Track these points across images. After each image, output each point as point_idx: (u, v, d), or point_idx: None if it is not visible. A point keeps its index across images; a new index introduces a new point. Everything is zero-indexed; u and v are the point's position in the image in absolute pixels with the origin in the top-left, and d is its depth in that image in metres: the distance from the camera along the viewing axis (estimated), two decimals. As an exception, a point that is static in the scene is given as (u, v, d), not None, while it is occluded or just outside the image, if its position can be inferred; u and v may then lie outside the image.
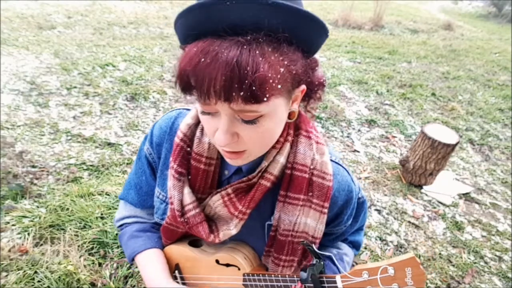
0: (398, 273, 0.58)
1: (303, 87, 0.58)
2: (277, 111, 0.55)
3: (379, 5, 7.17)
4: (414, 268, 0.57)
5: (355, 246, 0.90)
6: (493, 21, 10.68)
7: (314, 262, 0.64)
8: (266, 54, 0.48)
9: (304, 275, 0.64)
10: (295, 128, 0.68)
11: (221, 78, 0.46)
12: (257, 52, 0.47)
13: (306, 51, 0.54)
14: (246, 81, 0.46)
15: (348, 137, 3.09)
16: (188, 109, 0.74)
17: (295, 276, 0.67)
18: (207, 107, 0.53)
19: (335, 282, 0.63)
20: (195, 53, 0.48)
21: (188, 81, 0.50)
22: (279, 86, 0.50)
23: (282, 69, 0.50)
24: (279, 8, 0.47)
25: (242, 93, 0.47)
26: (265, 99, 0.49)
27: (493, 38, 8.00)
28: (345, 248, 0.87)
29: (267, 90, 0.48)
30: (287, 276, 0.68)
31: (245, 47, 0.47)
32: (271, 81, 0.48)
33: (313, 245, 0.65)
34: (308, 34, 0.52)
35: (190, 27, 0.51)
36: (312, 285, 0.64)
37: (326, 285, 0.64)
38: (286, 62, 0.50)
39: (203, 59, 0.47)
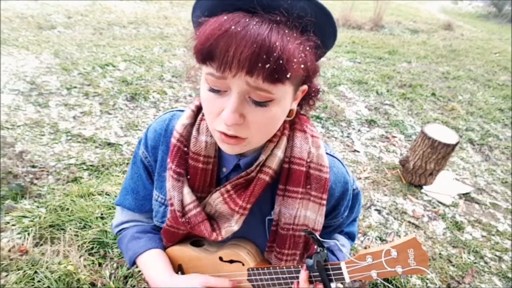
0: (401, 255, 0.59)
1: (305, 87, 0.60)
2: (285, 98, 0.56)
3: (379, 5, 7.17)
4: (416, 249, 0.58)
5: (351, 237, 0.92)
6: (493, 21, 10.69)
7: (318, 250, 0.65)
8: (292, 36, 0.50)
9: (310, 262, 0.65)
10: (290, 123, 0.70)
11: (250, 46, 0.47)
12: (286, 31, 0.50)
13: (317, 48, 0.56)
14: (275, 54, 0.48)
15: (348, 137, 3.10)
16: (182, 110, 0.74)
17: (299, 266, 0.68)
18: (220, 82, 0.53)
19: (340, 268, 0.64)
20: (226, 20, 0.49)
21: (212, 46, 0.49)
22: (302, 66, 0.52)
23: (302, 54, 0.52)
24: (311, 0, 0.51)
25: (268, 66, 0.48)
26: (288, 76, 0.50)
27: (493, 38, 8.00)
28: (342, 239, 0.89)
29: (292, 68, 0.50)
30: (292, 267, 0.69)
31: (274, 25, 0.49)
32: (295, 60, 0.50)
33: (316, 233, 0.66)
34: (324, 31, 0.55)
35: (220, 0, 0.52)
36: (317, 273, 0.65)
37: (331, 272, 0.65)
38: (307, 48, 0.53)
39: (233, 27, 0.48)
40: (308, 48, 0.53)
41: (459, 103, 4.07)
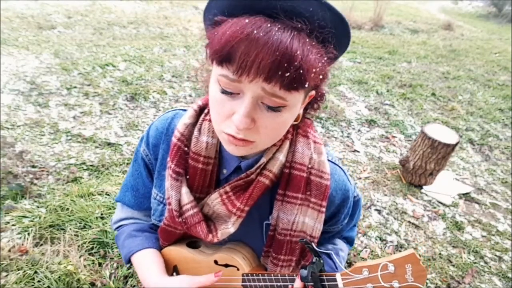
0: (398, 269, 0.58)
1: (313, 92, 0.60)
2: (296, 105, 0.56)
3: (379, 5, 7.17)
4: (414, 264, 0.57)
5: (349, 241, 0.92)
6: (493, 21, 10.68)
7: (314, 260, 0.64)
8: (312, 45, 0.50)
9: (304, 272, 0.64)
10: (294, 127, 0.69)
11: (273, 53, 0.46)
12: (307, 40, 0.50)
13: (333, 58, 0.56)
14: (296, 63, 0.47)
15: (348, 137, 3.09)
16: (185, 110, 0.74)
17: (294, 274, 0.67)
18: (234, 85, 0.52)
19: (335, 280, 0.63)
20: (247, 24, 0.48)
21: (233, 49, 0.48)
22: (321, 77, 0.53)
23: (320, 64, 0.52)
24: (331, 9, 0.51)
25: (287, 74, 0.48)
26: (305, 85, 0.50)
27: (493, 38, 8.00)
28: (340, 244, 0.88)
29: (310, 78, 0.50)
30: (286, 275, 0.68)
31: (296, 33, 0.49)
32: (314, 70, 0.50)
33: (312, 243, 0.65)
34: (341, 43, 0.55)
35: (243, 0, 0.51)
36: (312, 283, 0.64)
37: (326, 283, 0.64)
38: (325, 59, 0.53)
39: (255, 31, 0.47)
40: (325, 59, 0.53)
41: (459, 103, 4.07)
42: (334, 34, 0.53)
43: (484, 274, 1.89)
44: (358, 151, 2.90)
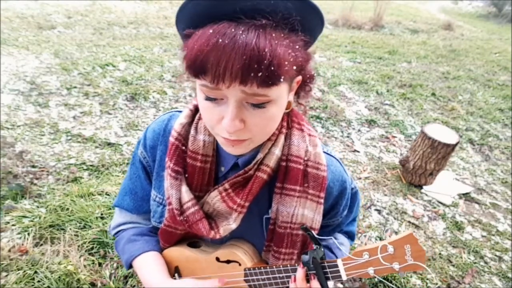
0: (397, 251, 0.58)
1: (300, 77, 0.61)
2: (282, 97, 0.56)
3: (379, 5, 7.17)
4: (413, 245, 0.57)
5: (350, 236, 0.92)
6: (493, 21, 10.68)
7: (314, 247, 0.65)
8: (280, 38, 0.50)
9: (305, 257, 0.64)
10: (288, 121, 0.70)
11: (240, 58, 0.47)
12: (273, 35, 0.49)
13: (307, 42, 0.56)
14: (265, 62, 0.48)
15: (348, 137, 3.09)
16: (180, 111, 0.75)
17: (296, 265, 0.68)
18: (215, 92, 0.53)
19: (336, 266, 0.63)
20: (212, 34, 0.49)
21: (203, 62, 0.49)
22: (294, 68, 0.53)
23: (293, 54, 0.52)
24: None
25: (260, 74, 0.48)
26: (281, 79, 0.51)
27: (493, 38, 8.00)
28: (341, 238, 0.89)
29: (284, 71, 0.50)
30: (288, 265, 0.69)
31: (261, 30, 0.49)
32: (286, 62, 0.50)
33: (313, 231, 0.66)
34: (311, 24, 0.55)
35: (203, 10, 0.51)
36: (314, 271, 0.65)
37: (328, 269, 0.65)
38: (296, 47, 0.53)
39: (220, 40, 0.48)
40: (297, 47, 0.53)
41: (459, 103, 4.07)
42: (301, 21, 0.53)
43: (484, 274, 1.89)
44: (358, 151, 2.90)
